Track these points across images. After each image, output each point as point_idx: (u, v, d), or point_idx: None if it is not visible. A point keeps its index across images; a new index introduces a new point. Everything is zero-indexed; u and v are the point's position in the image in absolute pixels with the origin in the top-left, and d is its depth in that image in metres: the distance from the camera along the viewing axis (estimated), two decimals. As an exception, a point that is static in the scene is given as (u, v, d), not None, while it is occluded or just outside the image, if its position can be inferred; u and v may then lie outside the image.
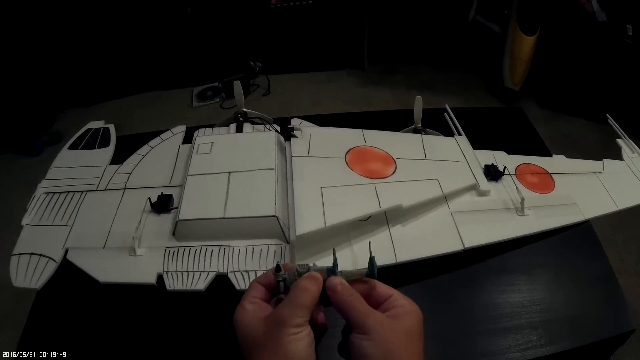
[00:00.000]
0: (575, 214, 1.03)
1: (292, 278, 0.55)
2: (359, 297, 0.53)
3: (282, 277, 0.55)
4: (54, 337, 0.85)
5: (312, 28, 3.05)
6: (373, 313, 0.51)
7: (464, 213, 0.98)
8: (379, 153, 1.03)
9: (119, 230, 0.92)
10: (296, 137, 1.02)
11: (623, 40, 2.51)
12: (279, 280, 0.55)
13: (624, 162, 1.17)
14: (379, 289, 0.55)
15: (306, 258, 0.84)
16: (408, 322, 0.51)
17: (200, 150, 1.00)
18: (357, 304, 0.52)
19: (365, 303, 0.52)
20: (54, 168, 1.08)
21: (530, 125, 1.37)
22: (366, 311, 0.51)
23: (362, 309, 0.51)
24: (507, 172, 1.06)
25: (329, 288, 0.53)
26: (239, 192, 0.89)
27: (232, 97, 1.16)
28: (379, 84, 3.19)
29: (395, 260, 0.86)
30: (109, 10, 2.69)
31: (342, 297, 0.52)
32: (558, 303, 0.92)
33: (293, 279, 0.55)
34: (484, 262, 0.96)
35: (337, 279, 0.54)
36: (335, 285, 0.53)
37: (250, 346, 0.50)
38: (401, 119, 1.20)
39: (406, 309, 0.52)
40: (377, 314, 0.51)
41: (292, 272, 0.55)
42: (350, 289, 0.53)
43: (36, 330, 0.87)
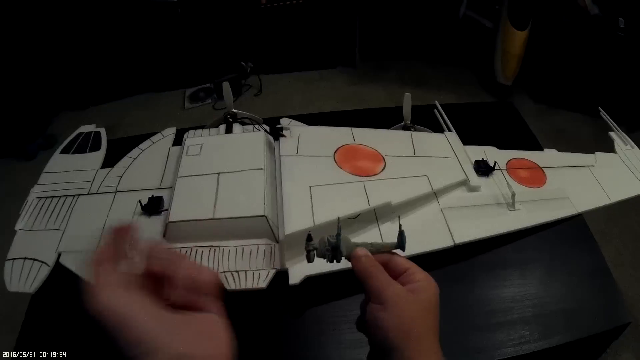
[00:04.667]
0: (567, 207, 1.03)
1: (323, 247, 0.56)
2: (381, 268, 0.54)
3: (313, 246, 0.56)
4: (49, 340, 0.85)
5: (303, 27, 3.04)
6: (392, 284, 0.52)
7: (454, 209, 0.98)
8: (367, 151, 1.03)
9: (110, 233, 0.92)
10: (285, 137, 1.02)
11: (615, 33, 2.51)
12: (309, 250, 0.56)
13: (617, 155, 1.17)
14: (397, 261, 0.56)
15: (296, 257, 0.84)
16: (425, 296, 0.52)
17: (189, 151, 1.00)
18: (378, 274, 0.53)
19: (387, 274, 0.54)
20: (46, 173, 1.08)
21: (522, 119, 1.37)
22: (386, 281, 0.52)
23: (382, 279, 0.53)
24: (498, 167, 1.06)
25: (354, 257, 0.55)
26: (229, 193, 0.89)
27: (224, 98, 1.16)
28: (371, 82, 3.18)
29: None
30: (101, 13, 2.68)
31: (365, 266, 0.54)
32: (551, 297, 0.92)
33: (324, 249, 0.56)
34: (476, 257, 0.97)
35: (363, 250, 0.56)
36: (360, 255, 0.55)
37: None
38: (392, 116, 1.20)
39: (423, 284, 0.53)
40: (397, 286, 0.52)
41: (322, 242, 0.56)
42: (373, 260, 0.55)
43: (32, 334, 0.87)
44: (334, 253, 0.56)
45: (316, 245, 0.56)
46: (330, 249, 0.56)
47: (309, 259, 0.56)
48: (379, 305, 0.51)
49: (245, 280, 0.82)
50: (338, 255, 0.56)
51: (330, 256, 0.56)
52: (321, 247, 0.56)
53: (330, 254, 0.56)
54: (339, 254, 0.56)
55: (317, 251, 0.56)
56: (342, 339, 0.85)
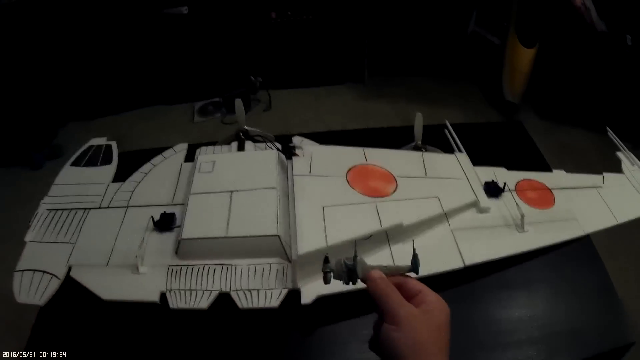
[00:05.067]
0: (575, 229, 1.03)
1: (339, 270, 0.58)
2: (395, 290, 0.56)
3: (330, 268, 0.58)
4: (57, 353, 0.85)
5: (312, 42, 3.05)
6: (406, 305, 0.54)
7: (464, 230, 0.98)
8: (380, 171, 1.03)
9: (122, 248, 0.92)
10: (297, 156, 1.03)
11: (622, 50, 2.51)
12: (326, 272, 0.57)
13: (624, 176, 1.17)
14: (410, 283, 0.58)
15: (308, 277, 0.84)
16: (437, 317, 0.54)
17: (202, 168, 1.01)
18: (393, 295, 0.55)
19: (400, 295, 0.55)
20: (57, 185, 1.08)
21: (530, 139, 1.37)
22: (400, 303, 0.54)
23: (397, 300, 0.54)
24: (507, 188, 1.07)
25: (370, 279, 0.57)
26: (241, 211, 0.90)
27: (233, 112, 1.17)
28: (378, 98, 3.18)
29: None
30: (112, 26, 2.70)
31: (380, 288, 0.56)
32: (558, 317, 0.93)
33: (341, 271, 0.57)
34: (484, 277, 0.97)
35: (378, 272, 0.57)
36: (376, 277, 0.57)
37: None
38: (401, 135, 1.21)
39: (435, 305, 0.55)
40: (410, 307, 0.54)
41: (339, 264, 0.58)
42: (388, 282, 0.57)
43: (39, 346, 0.88)
44: (350, 275, 0.57)
45: (333, 268, 0.58)
46: (346, 270, 0.57)
47: (325, 280, 0.58)
48: (393, 325, 0.52)
49: (257, 299, 0.82)
50: (354, 277, 0.57)
51: (346, 278, 0.58)
52: (338, 269, 0.58)
53: (346, 276, 0.58)
54: (355, 276, 0.57)
55: (334, 273, 0.58)
56: (352, 358, 0.86)
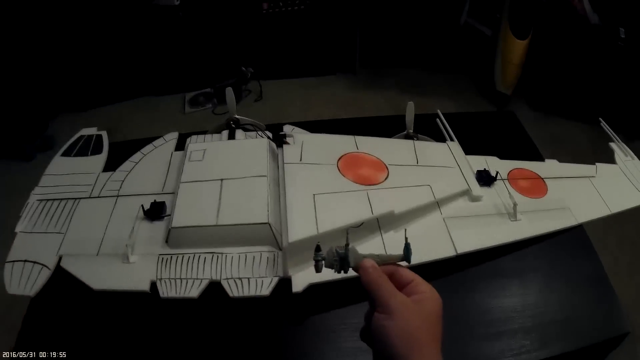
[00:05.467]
0: (568, 218, 1.04)
1: (331, 258, 0.57)
2: (387, 279, 0.56)
3: (321, 256, 0.58)
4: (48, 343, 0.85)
5: (304, 33, 3.04)
6: (398, 294, 0.54)
7: (456, 219, 0.98)
8: (371, 159, 1.03)
9: (112, 238, 0.92)
10: (288, 144, 1.02)
11: (616, 42, 2.51)
12: (317, 260, 0.57)
13: (617, 166, 1.18)
14: (402, 273, 0.57)
15: (299, 265, 0.84)
16: (429, 306, 0.54)
17: (192, 157, 1.00)
18: (385, 284, 0.55)
19: (392, 285, 0.55)
20: (47, 175, 1.07)
21: (523, 129, 1.37)
22: (392, 292, 0.54)
23: (389, 289, 0.54)
24: (500, 177, 1.07)
25: (362, 268, 0.57)
26: (232, 199, 0.89)
27: (224, 102, 1.16)
28: (370, 88, 3.18)
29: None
30: (103, 16, 2.68)
31: (372, 277, 0.55)
32: (551, 307, 0.93)
33: (332, 260, 0.57)
34: (476, 267, 0.97)
35: (370, 262, 0.57)
36: (368, 267, 0.56)
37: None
38: (393, 124, 1.21)
39: (427, 295, 0.55)
40: (402, 296, 0.54)
41: (331, 253, 0.58)
42: (380, 271, 0.56)
43: (31, 337, 0.87)
44: (342, 264, 0.57)
45: (324, 256, 0.58)
46: (338, 259, 0.57)
47: (317, 269, 0.58)
48: (385, 315, 0.52)
49: (248, 287, 0.82)
50: (346, 266, 0.57)
51: (338, 267, 0.57)
52: (329, 258, 0.58)
53: (338, 265, 0.57)
54: (346, 265, 0.57)
55: (326, 261, 0.58)
56: (343, 347, 0.85)
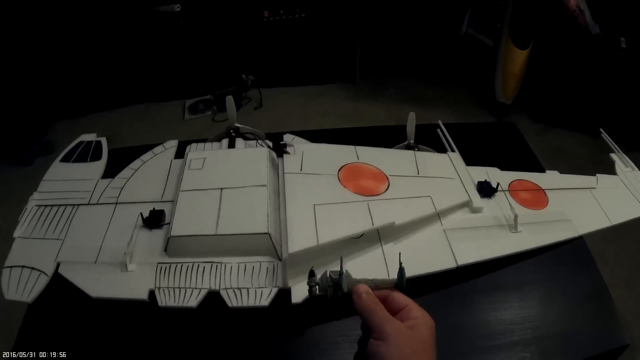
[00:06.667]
0: (568, 230, 1.03)
1: (325, 283, 0.59)
2: (381, 305, 0.57)
3: (315, 282, 0.59)
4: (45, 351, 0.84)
5: (304, 41, 3.05)
6: (392, 320, 0.55)
7: (456, 230, 0.97)
8: (371, 170, 1.03)
9: (110, 245, 0.91)
10: (289, 154, 1.02)
11: (616, 53, 2.52)
12: (311, 285, 0.59)
13: (618, 177, 1.17)
14: (396, 297, 0.59)
15: (299, 276, 0.83)
16: (423, 332, 0.55)
17: (192, 165, 0.99)
18: (379, 310, 0.56)
19: (386, 311, 0.57)
20: (46, 180, 1.07)
21: (524, 140, 1.37)
22: (387, 318, 0.55)
23: (383, 316, 0.55)
24: (500, 188, 1.06)
25: (356, 293, 0.58)
26: (231, 209, 0.89)
27: (224, 110, 1.16)
28: (370, 98, 3.19)
29: (387, 278, 0.85)
30: (103, 22, 2.69)
31: (366, 303, 0.57)
32: (550, 319, 0.92)
33: (326, 285, 0.59)
34: (476, 279, 0.96)
35: (364, 287, 0.58)
36: (361, 292, 0.58)
37: None
38: (394, 134, 1.20)
39: (422, 320, 0.56)
40: (396, 322, 0.55)
41: (325, 278, 0.59)
42: (374, 297, 0.58)
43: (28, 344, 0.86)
44: (336, 289, 0.58)
45: (318, 281, 0.59)
46: (332, 285, 0.59)
47: (310, 293, 0.59)
48: (380, 341, 0.53)
49: (247, 297, 0.81)
50: (339, 291, 0.58)
51: (331, 292, 0.59)
52: (323, 283, 0.59)
53: (332, 290, 0.59)
54: (340, 290, 0.58)
55: (319, 287, 0.59)
56: (343, 359, 0.85)
